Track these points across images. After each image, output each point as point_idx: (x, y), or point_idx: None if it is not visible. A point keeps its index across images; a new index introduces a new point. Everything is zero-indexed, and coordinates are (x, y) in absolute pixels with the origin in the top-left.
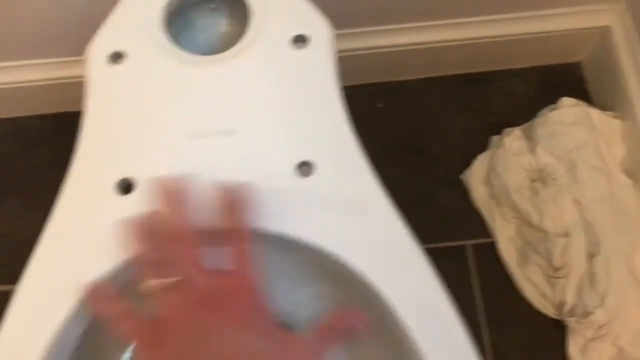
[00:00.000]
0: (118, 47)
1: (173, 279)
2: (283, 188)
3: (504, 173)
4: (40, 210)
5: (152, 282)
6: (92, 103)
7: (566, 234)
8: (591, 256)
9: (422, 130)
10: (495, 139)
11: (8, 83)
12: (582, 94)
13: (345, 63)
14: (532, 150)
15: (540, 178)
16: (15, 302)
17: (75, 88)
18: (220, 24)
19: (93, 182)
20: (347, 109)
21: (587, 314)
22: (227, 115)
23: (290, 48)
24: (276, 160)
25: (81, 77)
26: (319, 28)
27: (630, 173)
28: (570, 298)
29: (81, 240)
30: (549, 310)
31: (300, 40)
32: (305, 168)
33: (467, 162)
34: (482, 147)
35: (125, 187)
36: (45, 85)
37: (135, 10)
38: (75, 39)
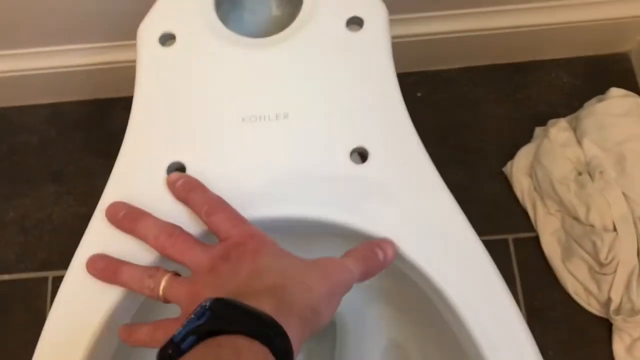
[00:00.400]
0: (168, 29)
1: None
2: (337, 175)
3: (549, 165)
4: (76, 195)
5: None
6: (142, 85)
7: (614, 229)
8: (639, 252)
9: (463, 121)
10: (539, 130)
11: (45, 68)
12: (631, 85)
13: None
14: (579, 142)
15: (587, 171)
16: (64, 288)
17: (112, 74)
18: (271, 7)
19: (144, 165)
20: None
21: (634, 312)
22: (280, 99)
23: (344, 30)
24: (330, 145)
25: (117, 62)
26: (375, 9)
27: None
28: (616, 296)
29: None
30: (593, 307)
31: (355, 22)
32: (359, 155)
33: (509, 154)
34: (525, 138)
35: (176, 167)
36: (81, 71)
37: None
38: (111, 25)
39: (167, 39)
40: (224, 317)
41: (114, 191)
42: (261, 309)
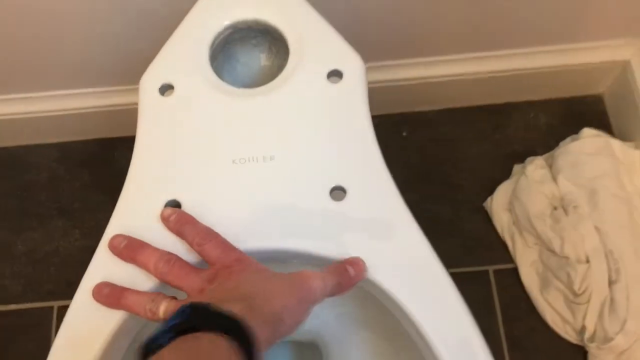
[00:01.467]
0: (168, 80)
1: None
2: (317, 211)
3: (527, 200)
4: (82, 229)
5: None
6: (143, 129)
7: (587, 261)
8: (611, 282)
9: (446, 159)
10: (517, 167)
11: (54, 110)
12: (604, 125)
13: (372, 93)
14: (554, 178)
15: (561, 206)
16: (70, 313)
17: (116, 115)
18: (261, 59)
19: (144, 202)
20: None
21: (607, 339)
22: (267, 143)
23: (325, 82)
24: (311, 184)
25: (122, 105)
26: (352, 64)
27: None
28: (591, 324)
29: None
30: (569, 335)
31: (335, 74)
32: (338, 192)
33: (489, 190)
34: (504, 175)
35: (172, 204)
36: (88, 113)
37: (183, 46)
38: (116, 71)
39: (166, 89)
40: (199, 317)
41: (116, 225)
42: (231, 311)
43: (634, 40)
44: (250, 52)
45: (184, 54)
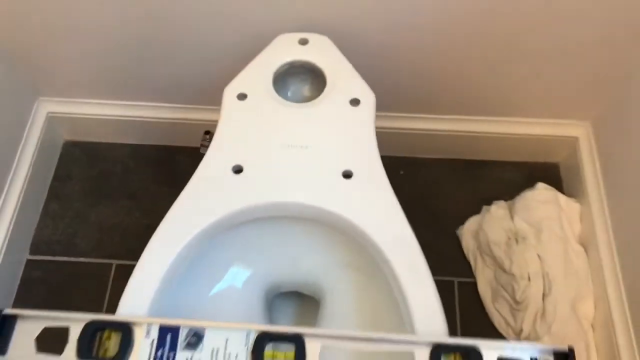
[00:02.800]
0: (243, 90)
1: None
2: (333, 185)
3: (489, 231)
4: (144, 210)
5: None
6: (224, 121)
7: (529, 279)
8: (545, 296)
9: (432, 195)
10: (485, 207)
11: (134, 116)
12: (557, 186)
13: (380, 136)
14: (512, 217)
15: (514, 237)
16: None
17: (179, 128)
18: (304, 90)
19: (219, 164)
20: None
21: (538, 339)
22: (306, 137)
23: (348, 105)
24: (331, 167)
25: (186, 119)
26: (367, 95)
27: (583, 244)
28: (526, 326)
29: (207, 197)
30: (510, 335)
31: (355, 102)
32: (347, 174)
33: (462, 222)
34: (475, 212)
35: (237, 169)
36: (158, 122)
37: (256, 71)
38: (186, 92)
39: (242, 97)
40: None
41: (198, 176)
42: None
43: (582, 122)
44: (299, 84)
45: (256, 76)
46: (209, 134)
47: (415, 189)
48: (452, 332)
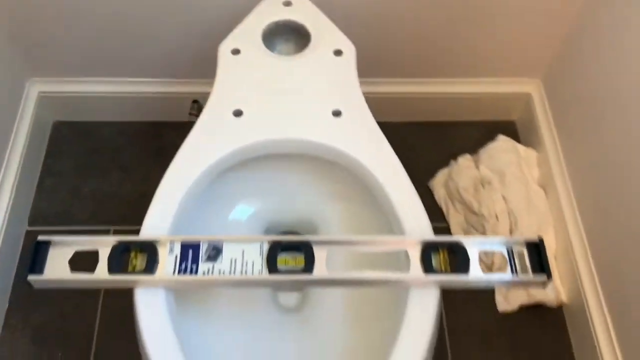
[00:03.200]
0: (237, 46)
1: None
2: (324, 122)
3: (458, 179)
4: (135, 181)
5: None
6: (220, 74)
7: (496, 217)
8: (511, 232)
9: (402, 156)
10: (452, 161)
11: (124, 93)
12: (515, 139)
13: None
14: (477, 167)
15: (481, 183)
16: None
17: (165, 102)
18: (290, 48)
19: (220, 109)
20: None
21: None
22: (296, 82)
23: (332, 55)
24: (321, 107)
25: (173, 93)
26: (349, 47)
27: (542, 186)
28: (497, 259)
29: (211, 138)
30: (482, 269)
31: (338, 52)
32: (336, 112)
33: (432, 176)
34: (444, 166)
35: (238, 112)
36: (147, 98)
37: (246, 29)
38: (171, 66)
39: (236, 52)
40: None
41: (203, 119)
42: None
43: (533, 79)
44: (284, 44)
45: (247, 34)
46: (196, 102)
47: None
48: None
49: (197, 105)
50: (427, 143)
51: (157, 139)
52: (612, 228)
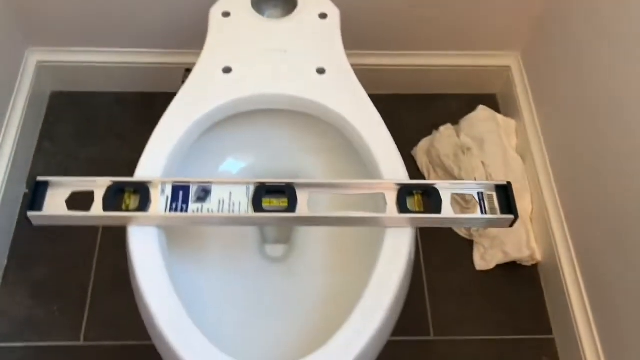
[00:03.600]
0: (227, 9)
1: None
2: (309, 79)
3: (439, 147)
4: (131, 147)
5: None
6: (211, 35)
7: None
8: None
9: (388, 125)
10: (435, 131)
11: (119, 63)
12: (496, 111)
13: None
14: (458, 135)
15: (461, 151)
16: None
17: (163, 72)
18: (276, 13)
19: (210, 67)
20: None
21: (485, 228)
22: (285, 42)
23: (317, 18)
24: (307, 66)
25: (167, 63)
26: (333, 10)
27: (519, 152)
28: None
29: (202, 92)
30: (462, 232)
31: (323, 16)
32: (320, 70)
33: (416, 145)
34: (426, 136)
35: (227, 69)
36: (142, 68)
37: None
38: (165, 37)
39: (226, 14)
40: None
41: (195, 75)
42: None
43: (513, 52)
44: (272, 10)
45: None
46: (189, 71)
47: None
48: None
49: (189, 74)
50: (410, 114)
51: (151, 108)
52: (584, 193)
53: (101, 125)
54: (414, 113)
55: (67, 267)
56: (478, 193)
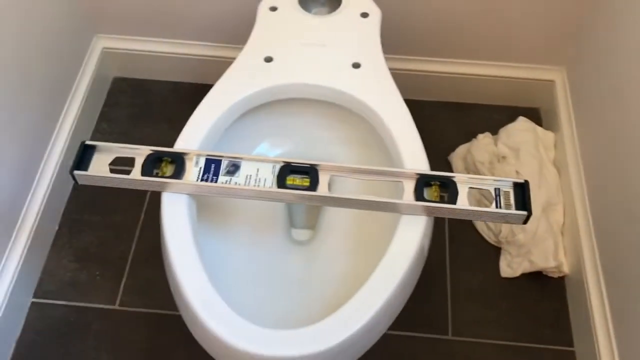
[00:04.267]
0: (274, 5)
1: None
2: (346, 72)
3: (475, 153)
4: (178, 132)
5: None
6: (258, 27)
7: None
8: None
9: (427, 131)
10: (473, 138)
11: (178, 54)
12: (538, 124)
13: None
14: (495, 144)
15: (497, 159)
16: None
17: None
18: (323, 12)
19: (253, 55)
20: None
21: (513, 235)
22: (325, 37)
23: (359, 17)
24: (344, 60)
25: (221, 57)
26: (374, 10)
27: (556, 166)
28: (504, 228)
29: (243, 77)
30: (490, 238)
31: (364, 15)
32: (356, 65)
33: (453, 150)
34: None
35: (268, 59)
36: (198, 60)
37: None
38: (221, 32)
39: (273, 9)
40: None
41: (239, 61)
42: None
43: (558, 66)
44: (319, 8)
45: None
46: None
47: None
48: (440, 233)
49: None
50: (452, 122)
51: (201, 97)
52: (616, 211)
53: (155, 110)
54: (455, 120)
55: (112, 237)
56: (495, 189)
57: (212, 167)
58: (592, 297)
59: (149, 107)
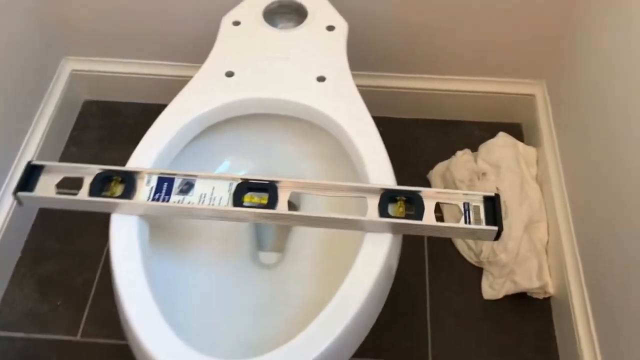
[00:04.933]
0: (237, 19)
1: None
2: (309, 86)
3: (455, 171)
4: None
5: None
6: (219, 42)
7: None
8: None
9: (406, 148)
10: (452, 156)
11: (146, 74)
12: (519, 140)
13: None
14: (475, 161)
15: (477, 176)
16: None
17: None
18: (289, 24)
19: (214, 70)
20: None
21: (495, 255)
22: (289, 51)
23: (325, 30)
24: (308, 73)
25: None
26: (340, 23)
27: (539, 182)
28: (485, 248)
29: (202, 93)
30: (471, 258)
31: (330, 28)
32: (321, 78)
33: (432, 167)
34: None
35: (229, 74)
36: (167, 80)
37: (249, 5)
38: (188, 51)
39: (236, 23)
40: None
41: (197, 78)
42: None
43: (537, 80)
44: (286, 23)
45: (249, 9)
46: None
47: (393, 142)
48: (419, 254)
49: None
50: (432, 139)
51: None
52: (600, 228)
53: (125, 133)
54: (435, 138)
55: (75, 266)
56: (464, 203)
57: (164, 185)
58: (578, 318)
59: (118, 129)
